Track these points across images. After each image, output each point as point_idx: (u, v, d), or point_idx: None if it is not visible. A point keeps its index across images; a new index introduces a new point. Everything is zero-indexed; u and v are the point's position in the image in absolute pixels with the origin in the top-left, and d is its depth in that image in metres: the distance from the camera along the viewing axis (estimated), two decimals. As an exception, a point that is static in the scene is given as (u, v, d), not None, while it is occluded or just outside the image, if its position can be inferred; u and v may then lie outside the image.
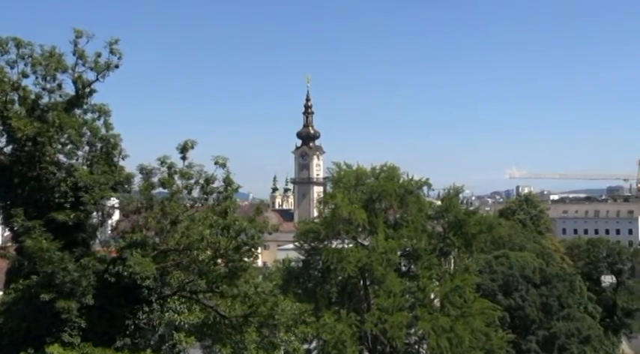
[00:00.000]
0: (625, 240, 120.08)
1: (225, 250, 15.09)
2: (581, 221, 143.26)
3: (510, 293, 52.30)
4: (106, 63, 15.51)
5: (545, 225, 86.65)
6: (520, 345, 49.30)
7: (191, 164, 15.36)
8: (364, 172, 33.45)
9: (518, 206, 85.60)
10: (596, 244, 75.36)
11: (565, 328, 52.56)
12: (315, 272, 32.25)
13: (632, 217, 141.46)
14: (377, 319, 28.42)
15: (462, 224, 32.21)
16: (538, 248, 65.13)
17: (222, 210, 15.51)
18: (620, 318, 67.64)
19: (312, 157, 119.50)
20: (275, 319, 15.38)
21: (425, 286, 30.23)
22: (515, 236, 67.00)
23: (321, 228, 31.42)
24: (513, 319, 50.61)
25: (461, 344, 29.09)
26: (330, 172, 34.31)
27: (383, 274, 29.24)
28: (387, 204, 32.72)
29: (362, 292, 32.20)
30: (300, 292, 30.40)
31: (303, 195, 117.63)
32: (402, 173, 33.48)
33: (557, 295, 53.26)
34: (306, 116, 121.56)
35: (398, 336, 28.27)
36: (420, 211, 32.55)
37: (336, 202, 30.89)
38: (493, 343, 31.82)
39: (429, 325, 28.97)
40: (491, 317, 32.71)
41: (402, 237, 31.21)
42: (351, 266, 29.22)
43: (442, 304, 30.96)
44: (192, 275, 15.39)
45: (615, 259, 72.25)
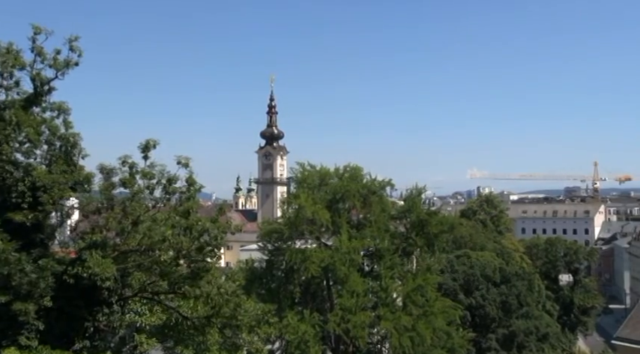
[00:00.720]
0: (582, 239, 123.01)
1: (187, 251, 14.97)
2: (539, 221, 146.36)
3: (471, 292, 53.07)
4: (65, 60, 15.17)
5: (505, 225, 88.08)
6: (480, 343, 50.11)
7: (153, 164, 15.16)
8: (328, 173, 33.56)
9: (479, 206, 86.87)
10: (554, 243, 76.77)
11: (524, 326, 53.56)
12: (279, 272, 32.22)
13: (589, 217, 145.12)
14: (340, 319, 28.53)
15: (424, 224, 32.57)
16: (498, 248, 66.21)
17: (184, 210, 15.37)
18: (576, 316, 69.15)
19: (275, 157, 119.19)
20: (238, 320, 15.32)
21: (387, 286, 30.48)
22: (476, 236, 67.97)
23: (284, 228, 31.41)
24: (474, 317, 51.37)
25: (423, 343, 29.42)
26: (294, 172, 34.35)
27: (346, 274, 29.37)
28: (350, 204, 32.90)
29: (325, 292, 32.29)
30: (263, 292, 30.34)
31: (267, 195, 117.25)
32: (365, 174, 33.76)
33: (516, 293, 54.22)
34: (270, 116, 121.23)
35: (360, 335, 28.43)
36: (383, 211, 32.80)
37: (299, 202, 30.91)
38: (454, 342, 32.28)
39: (392, 324, 29.21)
40: (453, 316, 33.14)
41: (365, 237, 31.40)
42: (314, 266, 29.28)
43: (404, 304, 31.25)
44: (154, 276, 15.21)
45: (572, 258, 73.80)
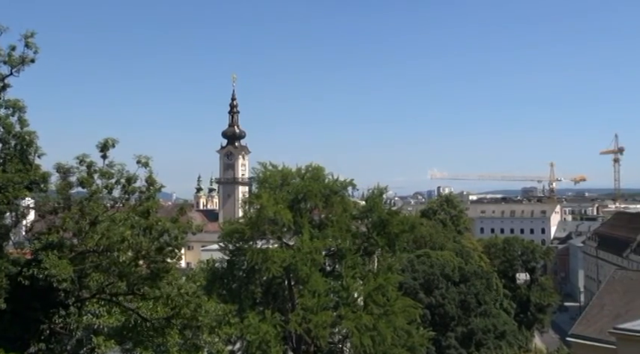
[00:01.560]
0: (538, 239, 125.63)
1: (147, 252, 14.77)
2: (497, 221, 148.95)
3: (431, 291, 53.68)
4: (20, 57, 14.78)
5: (464, 224, 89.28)
6: (440, 341, 50.73)
7: (112, 163, 14.93)
8: (290, 173, 33.52)
9: (439, 206, 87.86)
10: (511, 242, 78.11)
11: (482, 324, 54.44)
12: (240, 273, 32.05)
13: (545, 217, 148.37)
14: (301, 319, 28.54)
15: (386, 224, 32.80)
16: (457, 247, 67.11)
17: (144, 210, 15.16)
18: (533, 313, 70.50)
19: (237, 157, 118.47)
20: (198, 321, 15.17)
21: (349, 286, 30.60)
22: (436, 236, 68.73)
23: (246, 228, 31.25)
24: (434, 316, 51.98)
25: (383, 342, 29.64)
26: (256, 172, 34.19)
27: (307, 274, 29.39)
28: (312, 204, 32.93)
29: (286, 292, 32.26)
30: (224, 292, 30.14)
31: (228, 195, 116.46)
32: (327, 174, 33.81)
33: (475, 292, 55.07)
34: (232, 116, 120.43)
35: (322, 335, 28.48)
36: (344, 211, 32.92)
37: (261, 202, 30.80)
38: (414, 341, 32.60)
39: (353, 323, 29.34)
40: (413, 315, 33.46)
41: (326, 237, 31.47)
42: (275, 266, 29.22)
43: (365, 303, 31.44)
44: (112, 277, 14.97)
45: (529, 257, 75.21)
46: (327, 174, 33.79)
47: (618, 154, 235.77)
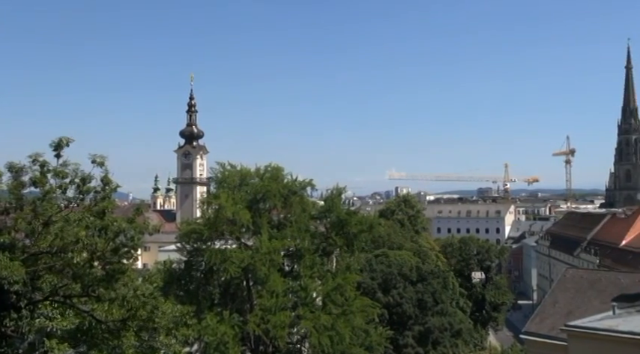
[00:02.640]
0: (493, 238, 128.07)
1: (102, 252, 14.50)
2: (454, 221, 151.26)
3: (389, 291, 54.11)
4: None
5: (421, 224, 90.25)
6: (398, 340, 51.15)
7: (66, 162, 14.60)
8: (248, 173, 33.37)
9: (397, 206, 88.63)
10: (467, 242, 79.37)
11: (439, 323, 55.12)
12: (198, 273, 31.76)
13: (500, 217, 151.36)
14: (259, 320, 28.45)
15: (344, 224, 32.94)
16: (415, 247, 67.83)
17: (99, 210, 14.88)
18: (488, 312, 71.78)
19: (195, 157, 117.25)
20: (155, 323, 14.97)
21: (307, 286, 30.63)
22: (394, 235, 69.33)
23: (204, 228, 30.98)
24: (391, 315, 52.39)
25: (342, 341, 29.75)
26: (214, 172, 33.95)
27: (266, 275, 29.30)
28: (271, 204, 32.85)
29: (245, 293, 32.10)
30: (181, 294, 29.83)
31: (186, 195, 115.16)
32: (286, 174, 33.78)
33: (431, 291, 55.72)
34: (190, 115, 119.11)
35: (280, 335, 28.44)
36: (303, 211, 32.94)
37: (219, 202, 30.58)
38: (372, 340, 32.83)
39: (311, 323, 29.39)
40: (371, 314, 33.70)
41: (285, 237, 31.43)
42: (234, 267, 29.05)
43: (324, 303, 31.52)
44: (66, 279, 14.64)
45: (484, 257, 76.55)
46: (286, 174, 33.80)
47: (570, 155, 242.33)
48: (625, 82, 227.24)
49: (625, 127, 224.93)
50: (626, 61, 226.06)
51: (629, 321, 19.35)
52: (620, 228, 75.96)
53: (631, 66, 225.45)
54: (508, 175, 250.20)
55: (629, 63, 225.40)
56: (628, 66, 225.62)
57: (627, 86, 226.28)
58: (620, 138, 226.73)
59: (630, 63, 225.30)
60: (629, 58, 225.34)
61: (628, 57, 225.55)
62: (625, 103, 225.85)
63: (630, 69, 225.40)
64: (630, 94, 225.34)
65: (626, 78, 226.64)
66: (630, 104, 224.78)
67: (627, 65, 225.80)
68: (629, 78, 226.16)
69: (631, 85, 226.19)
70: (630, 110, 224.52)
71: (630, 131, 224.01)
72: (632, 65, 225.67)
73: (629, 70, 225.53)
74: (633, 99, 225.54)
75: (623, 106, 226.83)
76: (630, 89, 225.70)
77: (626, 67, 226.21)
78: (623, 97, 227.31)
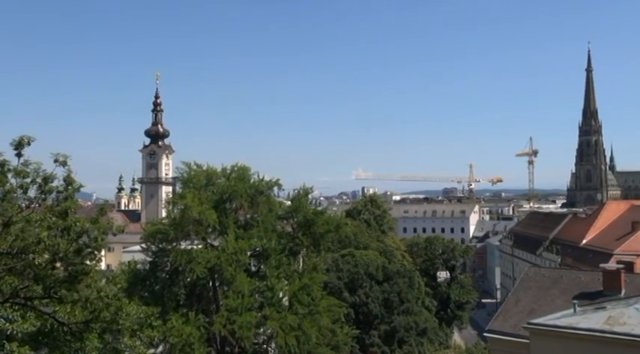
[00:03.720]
0: (458, 238, 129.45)
1: (64, 253, 14.25)
2: (420, 220, 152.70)
3: (355, 290, 54.31)
4: None
5: (388, 224, 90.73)
6: (364, 339, 51.40)
7: (27, 162, 14.31)
8: (215, 173, 33.15)
9: (363, 206, 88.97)
10: (432, 242, 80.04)
11: (404, 322, 55.53)
12: (163, 274, 31.42)
13: (465, 217, 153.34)
14: (225, 320, 28.28)
15: (311, 224, 32.96)
16: (381, 246, 68.20)
17: (61, 211, 14.61)
18: (452, 310, 72.52)
19: (160, 156, 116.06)
20: (119, 324, 14.78)
21: (274, 286, 30.56)
22: (361, 235, 69.57)
23: (169, 229, 30.65)
24: (358, 314, 52.61)
25: (308, 341, 29.77)
26: (180, 171, 33.62)
27: (232, 275, 29.15)
28: (237, 204, 32.68)
29: (211, 294, 31.87)
30: (146, 295, 29.48)
31: (151, 195, 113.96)
32: (252, 174, 33.62)
33: (397, 290, 56.09)
34: (155, 114, 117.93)
35: (246, 336, 28.32)
36: (270, 211, 32.85)
37: (185, 202, 30.31)
38: (339, 339, 32.93)
39: (278, 324, 29.33)
40: (338, 314, 33.78)
41: (252, 237, 31.31)
42: (200, 267, 28.82)
43: (290, 303, 31.49)
44: (27, 280, 14.35)
45: (449, 256, 77.30)
46: (253, 174, 33.65)
47: (532, 156, 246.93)
48: (586, 84, 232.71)
49: (585, 128, 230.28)
50: (587, 63, 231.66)
51: (588, 318, 19.81)
52: (581, 227, 77.53)
53: (591, 69, 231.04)
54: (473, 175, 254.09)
55: (590, 66, 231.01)
56: (588, 69, 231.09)
57: (588, 88, 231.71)
58: (581, 139, 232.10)
59: (591, 66, 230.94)
60: (589, 61, 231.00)
61: (588, 60, 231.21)
62: (585, 105, 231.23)
63: (591, 71, 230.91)
64: (590, 96, 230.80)
65: (587, 80, 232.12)
66: (590, 106, 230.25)
67: (588, 68, 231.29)
68: (590, 80, 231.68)
69: (591, 87, 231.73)
70: (590, 112, 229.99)
71: (590, 133, 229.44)
72: (592, 68, 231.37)
73: (589, 73, 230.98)
74: (593, 101, 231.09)
75: (583, 108, 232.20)
76: (590, 91, 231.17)
77: (586, 69, 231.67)
78: (583, 99, 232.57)
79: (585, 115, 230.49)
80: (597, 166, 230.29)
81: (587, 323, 19.32)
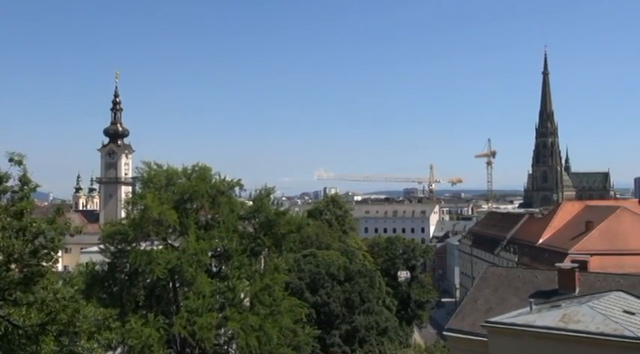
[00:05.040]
0: (419, 237, 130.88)
1: (19, 255, 13.92)
2: (381, 221, 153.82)
3: (317, 290, 54.41)
4: None
5: (349, 224, 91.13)
6: (325, 339, 51.53)
7: (-20, 161, 13.95)
8: (175, 173, 32.82)
9: (325, 207, 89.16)
10: (393, 241, 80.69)
11: (365, 322, 55.85)
12: (122, 275, 30.96)
13: (425, 217, 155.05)
14: (186, 321, 28.02)
15: (273, 224, 32.90)
16: (343, 247, 68.46)
17: (17, 211, 14.28)
18: (413, 310, 73.23)
19: (120, 156, 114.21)
20: (76, 327, 14.51)
21: (235, 286, 30.42)
22: (322, 235, 69.72)
23: (129, 229, 30.21)
24: (319, 314, 52.69)
25: (269, 342, 29.71)
26: (140, 171, 33.18)
27: (193, 276, 28.90)
28: (198, 204, 32.42)
29: (171, 295, 31.54)
30: (105, 296, 29.04)
31: (110, 195, 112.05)
32: (214, 174, 33.41)
33: (359, 290, 56.38)
34: (114, 113, 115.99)
35: (207, 337, 28.11)
36: (231, 211, 32.67)
37: (145, 202, 29.93)
38: (300, 340, 32.95)
39: (239, 324, 29.19)
40: (299, 314, 33.78)
41: (213, 237, 31.10)
42: (160, 268, 28.50)
43: (252, 304, 31.37)
44: (-20, 283, 13.98)
45: (410, 256, 78.04)
46: (214, 174, 33.43)
47: (491, 157, 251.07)
48: (542, 87, 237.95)
49: (542, 130, 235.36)
50: (543, 67, 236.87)
51: (544, 316, 20.27)
52: (537, 227, 79.10)
53: (548, 72, 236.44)
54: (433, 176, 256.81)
55: (546, 69, 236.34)
56: (545, 72, 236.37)
57: (544, 91, 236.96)
58: (538, 141, 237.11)
59: (547, 69, 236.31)
60: (545, 65, 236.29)
61: (545, 63, 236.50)
62: (542, 108, 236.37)
63: (547, 75, 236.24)
64: (547, 98, 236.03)
65: (543, 83, 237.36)
66: (547, 108, 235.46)
67: (544, 71, 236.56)
68: (546, 83, 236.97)
69: (548, 90, 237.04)
70: (547, 114, 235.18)
71: (547, 134, 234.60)
72: (548, 71, 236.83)
73: (546, 76, 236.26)
74: (550, 103, 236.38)
75: (540, 110, 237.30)
76: (547, 94, 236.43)
77: (543, 72, 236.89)
78: (540, 102, 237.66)
79: (542, 118, 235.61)
80: (553, 167, 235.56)
81: (543, 321, 19.76)
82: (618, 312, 20.02)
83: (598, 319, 19.00)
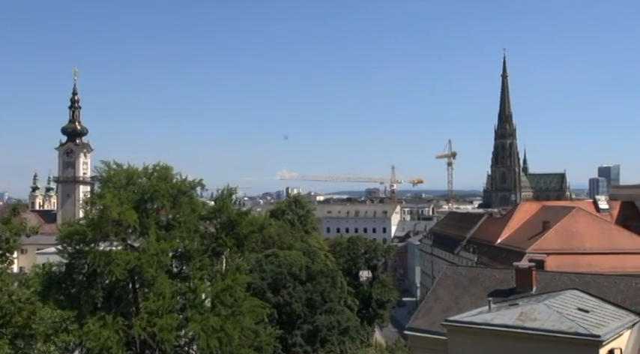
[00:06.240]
0: (380, 237, 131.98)
1: (-27, 256, 13.60)
2: (343, 221, 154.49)
3: (279, 290, 54.41)
4: None
5: (311, 224, 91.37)
6: (287, 339, 51.55)
7: None
8: (135, 172, 32.34)
9: (287, 207, 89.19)
10: (355, 241, 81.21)
11: (327, 321, 56.07)
12: (80, 277, 30.39)
13: (386, 217, 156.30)
14: (146, 323, 27.67)
15: (235, 224, 32.70)
16: (305, 247, 68.63)
17: (-30, 211, 13.95)
18: (374, 309, 73.81)
19: (78, 155, 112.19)
20: (32, 329, 14.24)
21: (196, 287, 30.16)
22: (284, 235, 69.75)
23: (87, 230, 29.66)
24: (281, 315, 52.73)
25: (230, 343, 29.55)
26: (99, 171, 32.56)
27: (153, 276, 28.56)
28: (159, 204, 32.00)
29: (131, 296, 31.10)
30: (62, 298, 28.43)
31: (68, 195, 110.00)
32: (175, 173, 33.01)
33: (320, 290, 56.58)
34: (73, 111, 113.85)
35: (167, 339, 27.80)
36: (193, 211, 32.37)
37: (104, 202, 29.42)
38: (261, 340, 32.84)
39: (199, 325, 28.96)
40: (261, 315, 33.65)
41: (174, 238, 30.76)
42: (119, 269, 28.07)
43: (213, 304, 31.14)
44: None
45: (371, 256, 78.68)
46: (175, 174, 33.03)
47: (451, 158, 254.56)
48: (501, 89, 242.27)
49: (501, 132, 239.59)
50: (502, 69, 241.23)
51: (502, 315, 20.66)
52: (496, 227, 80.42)
53: (506, 74, 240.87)
54: (394, 176, 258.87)
55: (505, 71, 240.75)
56: (504, 74, 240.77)
57: (503, 93, 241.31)
58: (497, 142, 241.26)
59: (506, 71, 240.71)
60: (504, 67, 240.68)
61: (504, 66, 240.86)
62: (501, 110, 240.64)
63: (506, 77, 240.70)
64: (506, 100, 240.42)
65: (502, 85, 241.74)
66: (506, 110, 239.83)
67: (503, 73, 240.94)
68: (505, 85, 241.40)
69: (506, 92, 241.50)
70: (506, 116, 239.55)
71: (505, 136, 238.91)
72: (507, 73, 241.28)
73: (504, 78, 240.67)
74: (508, 106, 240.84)
75: (499, 112, 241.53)
76: (506, 96, 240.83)
77: (502, 75, 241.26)
78: (499, 104, 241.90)
79: (501, 119, 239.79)
80: (512, 168, 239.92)
81: (501, 319, 20.15)
82: (573, 310, 20.54)
83: (554, 317, 19.46)
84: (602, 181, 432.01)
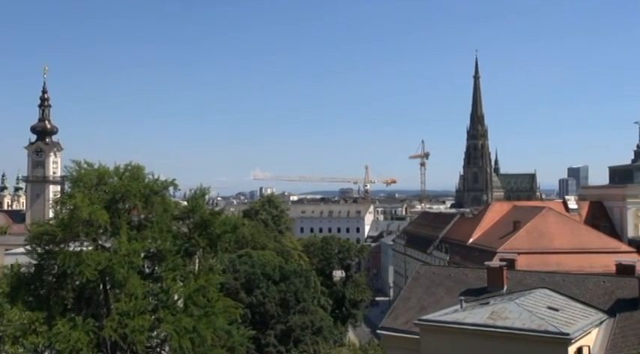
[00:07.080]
0: (354, 237, 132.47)
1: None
2: (317, 220, 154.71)
3: (252, 291, 54.23)
4: None
5: (285, 224, 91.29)
6: (260, 340, 51.40)
7: None
8: (107, 172, 31.95)
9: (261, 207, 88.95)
10: (329, 241, 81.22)
11: (300, 321, 56.03)
12: (50, 278, 29.90)
13: (360, 217, 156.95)
14: (117, 324, 27.34)
15: (208, 225, 32.50)
16: (278, 247, 68.51)
17: None
18: (347, 309, 73.89)
19: (48, 154, 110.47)
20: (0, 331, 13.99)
21: (168, 288, 29.91)
22: (258, 236, 69.55)
23: (57, 230, 29.21)
24: (254, 315, 52.54)
25: (203, 344, 29.36)
26: (69, 170, 32.09)
27: (125, 277, 28.24)
28: (131, 204, 31.66)
29: (101, 297, 30.72)
30: (31, 299, 27.91)
31: (37, 195, 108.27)
32: (147, 173, 32.69)
33: (294, 290, 56.51)
34: (42, 109, 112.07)
35: (139, 340, 27.52)
36: (165, 211, 32.09)
37: (75, 202, 28.99)
38: (235, 340, 32.71)
39: (172, 326, 28.73)
40: (234, 315, 33.48)
41: (146, 238, 30.45)
42: (90, 270, 27.69)
43: (186, 305, 30.91)
44: None
45: (345, 255, 78.78)
46: (148, 173, 32.71)
47: (424, 158, 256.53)
48: (473, 90, 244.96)
49: (473, 132, 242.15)
50: (475, 71, 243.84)
51: (474, 314, 20.90)
52: (468, 227, 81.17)
53: (479, 76, 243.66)
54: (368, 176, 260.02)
55: (477, 73, 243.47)
56: (476, 76, 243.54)
57: (475, 94, 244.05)
58: (469, 143, 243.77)
59: (478, 73, 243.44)
60: (477, 68, 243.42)
61: (476, 67, 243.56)
62: (473, 111, 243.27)
63: (478, 78, 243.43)
64: (478, 102, 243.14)
65: (475, 87, 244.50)
66: (478, 111, 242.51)
67: (475, 75, 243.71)
68: (477, 87, 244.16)
69: (479, 93, 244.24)
70: (478, 117, 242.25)
71: (477, 137, 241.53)
72: (479, 75, 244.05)
73: (477, 80, 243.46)
74: (480, 107, 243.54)
75: (471, 113, 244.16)
76: (478, 97, 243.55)
77: (474, 76, 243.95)
78: (471, 105, 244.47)
79: (473, 120, 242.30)
80: (483, 168, 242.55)
81: (473, 318, 20.38)
82: (543, 308, 20.87)
83: (524, 316, 19.75)
84: (572, 182, 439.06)
